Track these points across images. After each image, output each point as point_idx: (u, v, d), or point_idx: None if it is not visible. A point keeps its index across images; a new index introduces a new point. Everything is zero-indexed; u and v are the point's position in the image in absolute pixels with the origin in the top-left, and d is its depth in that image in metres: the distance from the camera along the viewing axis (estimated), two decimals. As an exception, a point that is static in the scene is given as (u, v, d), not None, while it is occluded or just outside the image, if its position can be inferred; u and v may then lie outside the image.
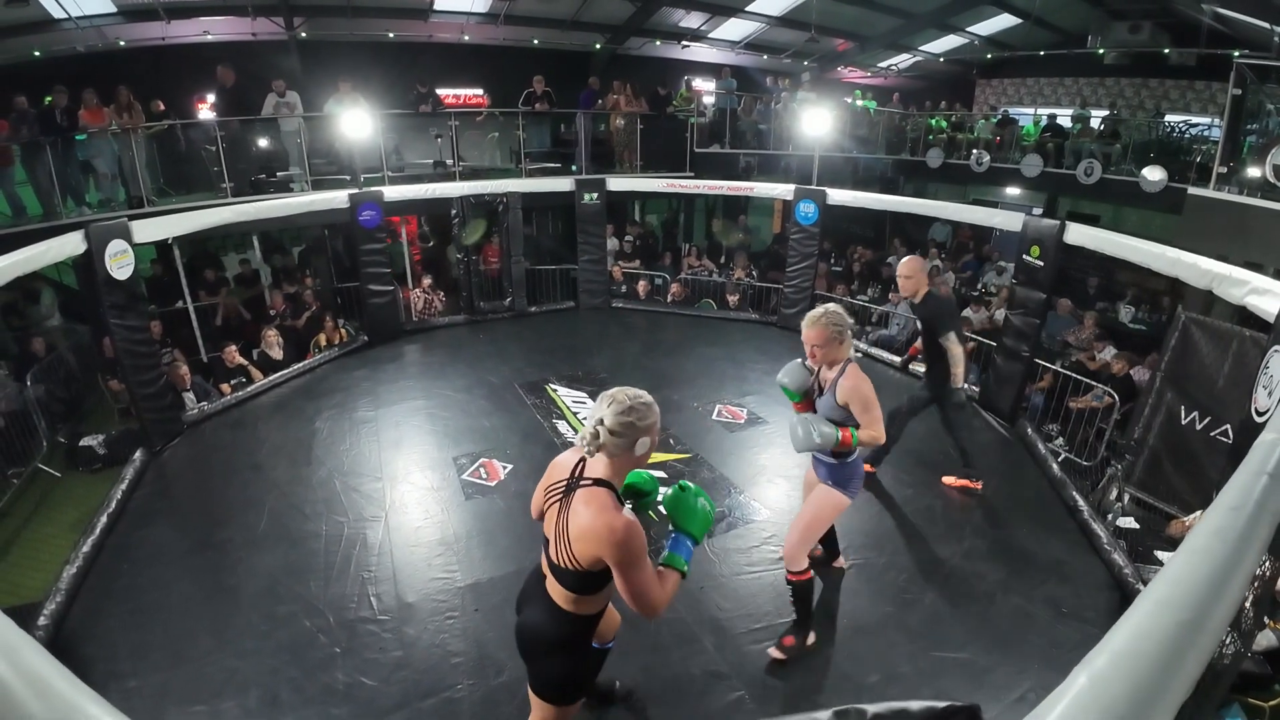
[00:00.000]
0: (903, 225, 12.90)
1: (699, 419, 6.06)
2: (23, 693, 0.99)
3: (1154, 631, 1.03)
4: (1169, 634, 1.02)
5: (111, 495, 4.85)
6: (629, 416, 2.00)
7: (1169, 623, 1.04)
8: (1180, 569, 1.17)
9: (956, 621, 3.72)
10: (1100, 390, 6.19)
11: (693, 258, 10.65)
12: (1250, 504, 1.37)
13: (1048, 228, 5.78)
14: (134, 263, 5.36)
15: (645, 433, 2.03)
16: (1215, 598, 1.10)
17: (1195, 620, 1.05)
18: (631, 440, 2.00)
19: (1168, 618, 1.05)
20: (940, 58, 15.29)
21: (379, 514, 4.66)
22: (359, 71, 9.75)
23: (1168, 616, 1.06)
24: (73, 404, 7.16)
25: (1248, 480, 1.47)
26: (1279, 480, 1.51)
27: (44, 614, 3.66)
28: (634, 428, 2.00)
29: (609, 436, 1.99)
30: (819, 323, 3.06)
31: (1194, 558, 1.19)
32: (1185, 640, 1.02)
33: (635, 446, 2.01)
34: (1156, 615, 1.06)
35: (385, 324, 8.04)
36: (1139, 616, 1.06)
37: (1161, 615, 1.06)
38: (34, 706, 0.97)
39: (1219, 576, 1.14)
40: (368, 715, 3.13)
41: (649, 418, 2.04)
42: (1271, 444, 1.69)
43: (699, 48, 14.01)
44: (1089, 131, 11.40)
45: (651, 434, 2.06)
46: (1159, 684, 0.96)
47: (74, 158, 7.79)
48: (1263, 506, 1.37)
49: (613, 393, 2.06)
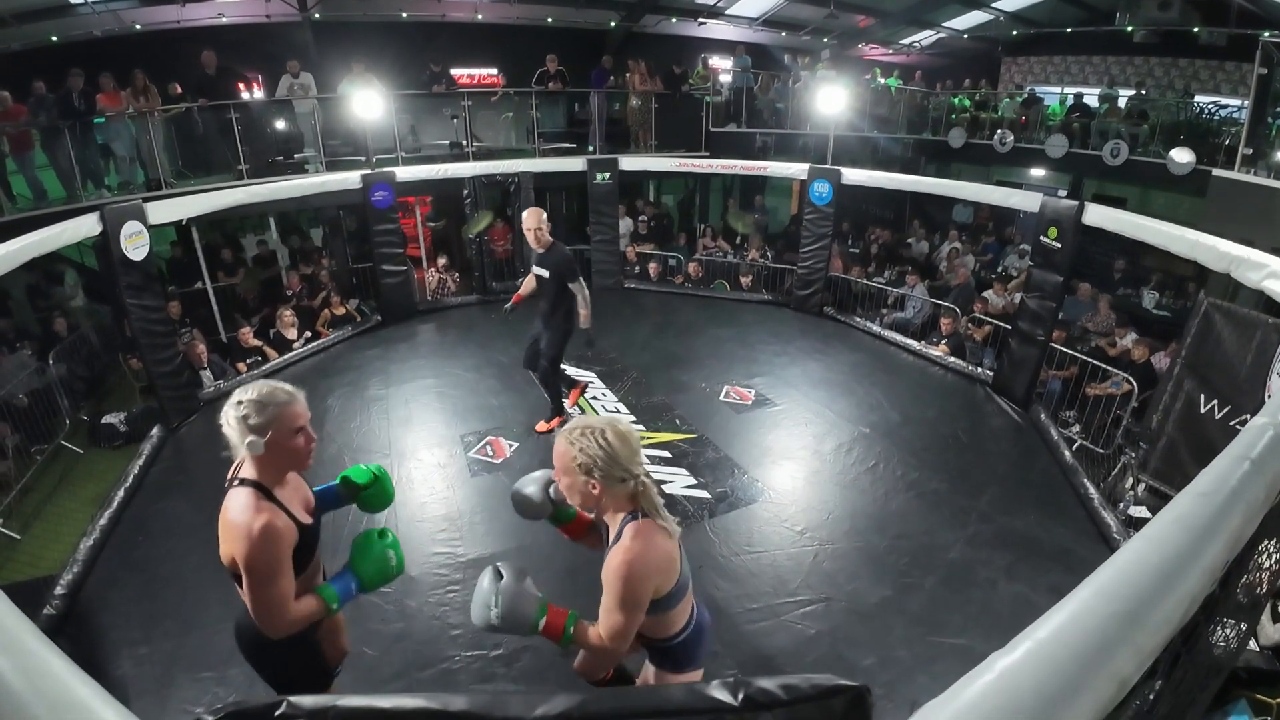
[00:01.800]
0: (923, 207, 12.66)
1: (706, 400, 6.05)
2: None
3: (1084, 622, 0.97)
4: (1100, 626, 0.96)
5: (129, 470, 4.99)
6: (239, 411, 1.87)
7: (1101, 614, 0.97)
8: (1129, 556, 1.10)
9: (956, 607, 3.71)
10: (1119, 377, 6.07)
11: (708, 239, 10.57)
12: (1224, 491, 1.30)
13: (1065, 208, 5.65)
14: (149, 244, 5.45)
15: (268, 429, 1.86)
16: (1163, 590, 1.03)
17: (1132, 613, 0.98)
18: (254, 437, 1.85)
19: (1101, 608, 0.98)
20: (964, 34, 14.88)
21: (386, 491, 4.73)
22: (373, 52, 9.74)
23: (1102, 607, 0.99)
24: (95, 383, 7.31)
25: (1227, 466, 1.40)
26: (1261, 468, 1.42)
27: (61, 584, 3.79)
28: (247, 424, 1.85)
29: (233, 435, 1.88)
30: (563, 437, 1.92)
31: (1146, 545, 1.12)
32: (1116, 634, 0.95)
33: (259, 445, 1.86)
34: (1090, 605, 1.00)
35: (398, 303, 8.10)
36: (1072, 606, 1.00)
37: (1095, 605, 1.00)
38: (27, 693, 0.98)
39: (1170, 567, 1.07)
40: (368, 684, 3.20)
41: (265, 414, 1.87)
42: (1260, 429, 1.62)
43: (716, 24, 13.77)
44: (1116, 111, 11.07)
45: (276, 429, 1.87)
46: (1077, 680, 0.89)
47: (92, 141, 7.89)
48: (1237, 495, 1.30)
49: (242, 389, 1.94)
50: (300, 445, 1.97)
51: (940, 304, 7.69)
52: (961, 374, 6.73)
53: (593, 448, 1.84)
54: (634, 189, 11.66)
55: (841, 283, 8.50)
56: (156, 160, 7.99)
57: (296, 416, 1.94)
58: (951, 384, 6.62)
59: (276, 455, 1.91)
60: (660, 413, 5.79)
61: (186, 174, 8.55)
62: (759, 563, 4.02)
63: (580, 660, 2.20)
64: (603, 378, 6.47)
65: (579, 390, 5.62)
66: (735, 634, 3.49)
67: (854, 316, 8.10)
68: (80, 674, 1.01)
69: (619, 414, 5.77)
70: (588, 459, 1.84)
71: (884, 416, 5.80)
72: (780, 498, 4.65)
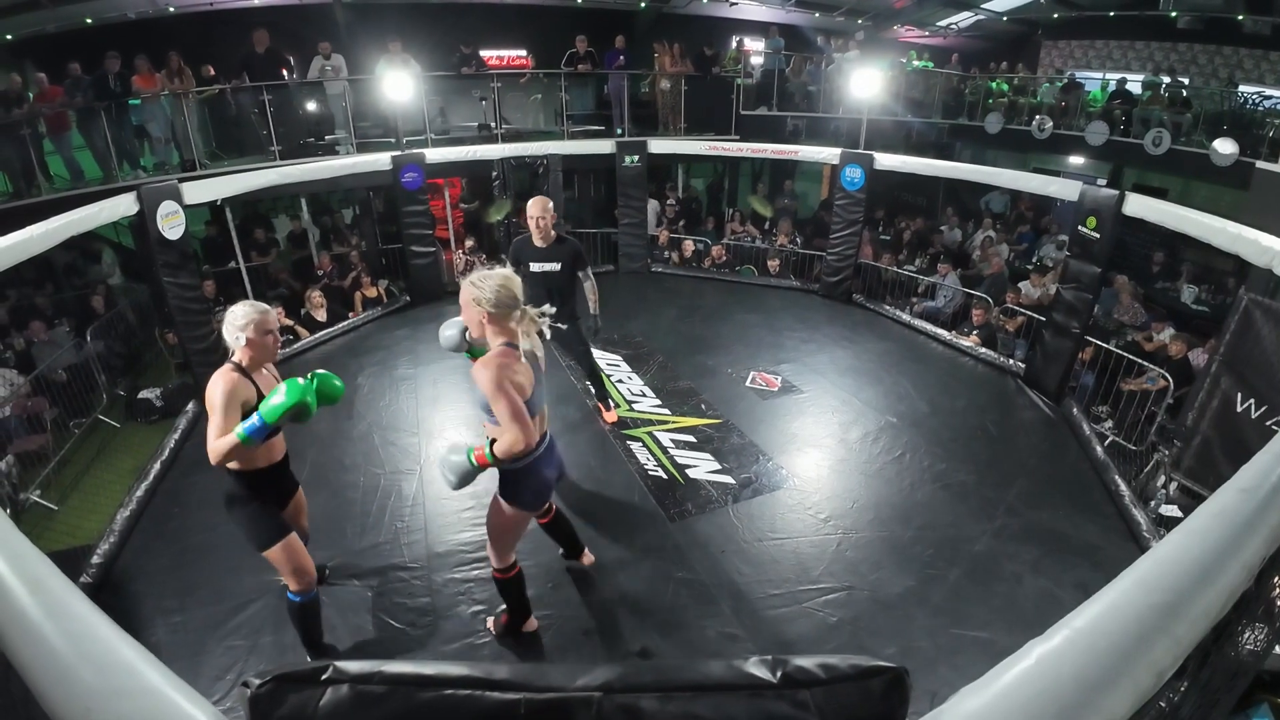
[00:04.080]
0: (957, 193, 12.43)
1: (732, 385, 6.03)
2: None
3: (1123, 612, 0.96)
4: (1139, 616, 0.95)
5: (165, 444, 5.12)
6: (229, 320, 2.74)
7: (1141, 604, 0.97)
8: (1169, 549, 1.09)
9: (980, 600, 3.67)
10: (1154, 373, 5.93)
11: (736, 223, 10.49)
12: (1265, 487, 1.27)
13: (1105, 198, 5.51)
14: (185, 223, 5.54)
15: (247, 331, 2.72)
16: (1201, 582, 1.02)
17: (1171, 604, 0.97)
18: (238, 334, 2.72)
19: (1141, 599, 0.98)
20: (1004, 16, 14.48)
21: (414, 467, 4.81)
22: (403, 33, 9.76)
23: (1141, 598, 0.98)
24: (131, 359, 7.51)
25: (1268, 463, 1.37)
26: (1306, 466, 1.41)
27: (98, 553, 3.91)
28: (235, 327, 2.72)
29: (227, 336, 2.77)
30: (467, 282, 2.63)
31: (1187, 538, 1.11)
32: (1155, 624, 0.94)
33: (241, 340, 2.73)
34: (1130, 595, 0.99)
35: (427, 285, 8.17)
36: (1111, 595, 1.00)
37: (1135, 595, 0.99)
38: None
39: (1210, 560, 1.06)
40: (393, 655, 3.27)
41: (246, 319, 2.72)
42: (1307, 426, 1.59)
43: (747, 5, 13.56)
44: (1159, 99, 10.72)
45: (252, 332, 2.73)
46: (1115, 669, 0.88)
47: (128, 122, 8.04)
48: (1278, 491, 1.26)
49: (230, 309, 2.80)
50: (269, 343, 2.80)
51: (972, 294, 7.57)
52: (992, 365, 6.63)
53: (486, 287, 2.55)
54: (662, 172, 11.59)
55: (871, 270, 8.39)
56: (191, 141, 8.12)
57: (267, 324, 2.78)
58: (982, 375, 6.52)
59: (253, 349, 2.75)
60: (686, 397, 5.78)
61: (220, 155, 8.69)
62: (782, 549, 4.02)
63: (501, 447, 2.55)
64: (629, 361, 6.48)
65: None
66: (756, 619, 3.50)
67: (883, 304, 8.00)
68: (126, 637, 1.04)
69: (644, 396, 5.78)
70: (480, 295, 2.55)
71: (912, 406, 5.73)
72: (805, 485, 4.63)
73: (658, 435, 5.20)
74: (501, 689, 0.94)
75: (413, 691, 0.93)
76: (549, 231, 4.67)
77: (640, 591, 3.69)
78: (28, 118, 7.52)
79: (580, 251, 4.75)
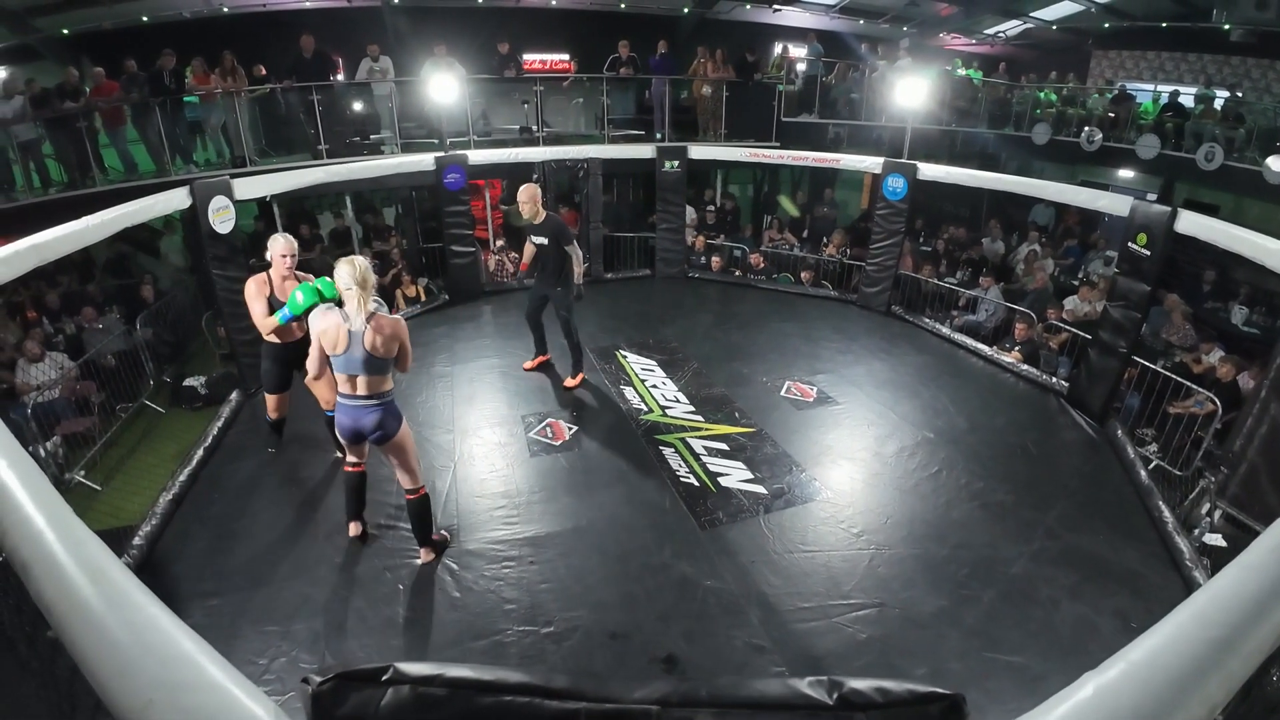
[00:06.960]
0: (1001, 206, 12.15)
1: (767, 394, 6.00)
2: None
3: (1179, 647, 0.95)
4: (1195, 651, 0.94)
5: (208, 431, 5.26)
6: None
7: (1198, 639, 0.96)
8: (1226, 583, 1.08)
9: (1015, 624, 3.59)
10: (1202, 396, 5.73)
11: (774, 230, 10.43)
12: None
13: (1157, 214, 5.35)
14: (235, 218, 5.69)
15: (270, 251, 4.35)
16: (1257, 617, 1.00)
17: (1228, 639, 0.96)
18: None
19: (1198, 633, 0.97)
20: (1053, 25, 14.18)
21: (448, 464, 4.87)
22: (448, 37, 9.91)
23: (1198, 632, 0.97)
24: (179, 347, 7.72)
25: None
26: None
27: (139, 535, 4.03)
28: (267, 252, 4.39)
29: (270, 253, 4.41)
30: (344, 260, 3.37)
31: (1244, 573, 1.09)
32: (1211, 660, 0.93)
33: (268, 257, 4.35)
34: (1186, 629, 0.98)
35: (466, 284, 8.28)
36: (1167, 629, 0.98)
37: (1191, 630, 0.98)
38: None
39: (1266, 596, 1.03)
40: (423, 648, 3.32)
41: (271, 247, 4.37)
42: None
43: (790, 11, 13.50)
44: (1212, 113, 10.39)
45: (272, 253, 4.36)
46: (1171, 703, 0.87)
47: (182, 118, 8.28)
48: None
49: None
50: (281, 264, 4.32)
51: (1015, 308, 7.41)
52: (1034, 383, 6.48)
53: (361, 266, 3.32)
54: (701, 179, 11.58)
55: (911, 281, 8.28)
56: (242, 138, 8.33)
57: (277, 249, 4.31)
58: (1023, 393, 6.38)
59: (273, 265, 4.34)
60: (720, 405, 5.76)
61: (269, 152, 8.90)
62: (813, 562, 3.98)
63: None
64: (663, 366, 6.48)
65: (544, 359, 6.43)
66: (785, 632, 3.47)
67: (923, 317, 7.88)
68: (187, 629, 1.07)
69: (678, 402, 5.77)
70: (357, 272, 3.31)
71: (950, 422, 5.64)
72: (838, 498, 4.58)
73: (690, 442, 5.19)
74: (561, 698, 0.95)
75: (473, 696, 0.95)
76: (538, 211, 5.49)
77: (669, 598, 3.69)
78: (84, 111, 7.79)
79: (560, 226, 5.60)
